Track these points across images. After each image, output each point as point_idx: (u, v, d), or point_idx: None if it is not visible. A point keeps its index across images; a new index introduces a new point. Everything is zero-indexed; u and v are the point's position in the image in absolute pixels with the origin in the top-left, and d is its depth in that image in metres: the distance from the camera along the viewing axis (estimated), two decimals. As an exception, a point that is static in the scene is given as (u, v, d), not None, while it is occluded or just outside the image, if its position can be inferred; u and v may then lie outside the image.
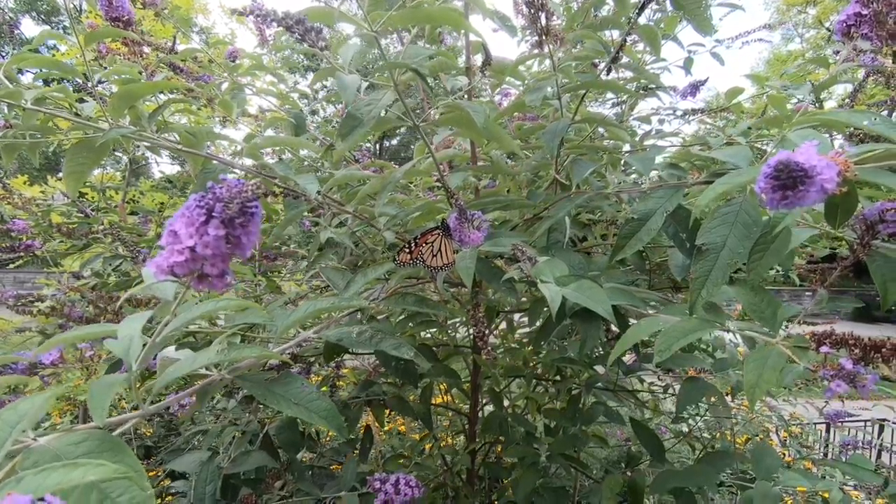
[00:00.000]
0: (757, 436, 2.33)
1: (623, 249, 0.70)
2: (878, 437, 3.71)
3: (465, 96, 0.96)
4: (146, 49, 1.21)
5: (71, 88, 0.88)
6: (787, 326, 0.82)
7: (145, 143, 0.95)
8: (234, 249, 0.35)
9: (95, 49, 1.28)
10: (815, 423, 2.94)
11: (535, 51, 0.77)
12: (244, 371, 0.53)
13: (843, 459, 1.06)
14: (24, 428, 0.32)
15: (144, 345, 0.41)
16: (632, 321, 0.74)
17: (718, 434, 2.08)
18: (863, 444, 1.60)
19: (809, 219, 0.70)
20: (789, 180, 0.37)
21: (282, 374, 0.52)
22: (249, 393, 1.00)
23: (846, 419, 1.65)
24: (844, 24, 0.51)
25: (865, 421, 3.77)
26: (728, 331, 0.58)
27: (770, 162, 0.38)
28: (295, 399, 0.51)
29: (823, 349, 0.46)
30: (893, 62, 0.44)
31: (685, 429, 1.97)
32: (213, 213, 0.34)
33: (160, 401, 0.49)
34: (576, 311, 0.71)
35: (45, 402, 0.34)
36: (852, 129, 0.61)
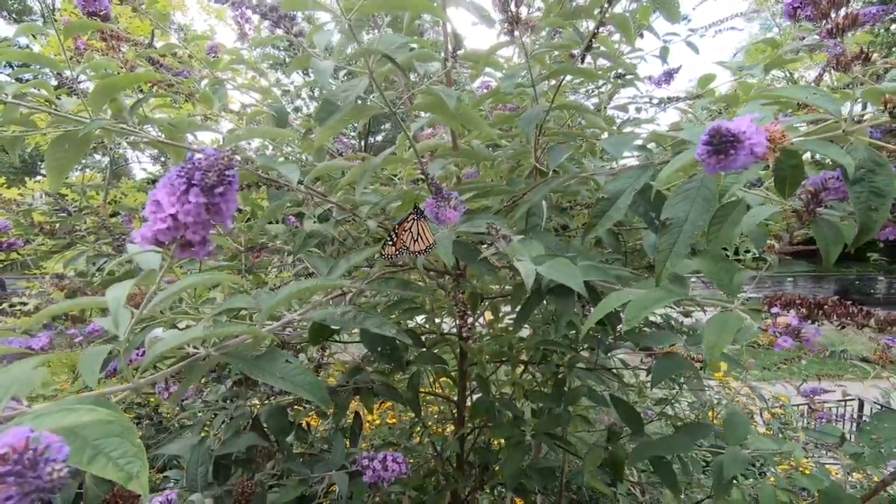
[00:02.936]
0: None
1: (595, 228, 0.73)
2: (860, 413, 3.83)
3: (444, 83, 0.99)
4: (124, 48, 1.21)
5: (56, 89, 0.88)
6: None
7: (126, 139, 0.96)
8: (215, 217, 0.38)
9: (73, 47, 1.28)
10: (797, 405, 3.03)
11: (508, 38, 0.80)
12: (231, 349, 0.55)
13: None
14: (18, 392, 0.34)
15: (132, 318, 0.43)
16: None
17: (701, 416, 2.14)
18: (836, 417, 1.67)
19: (776, 197, 0.74)
20: (721, 145, 0.40)
21: (267, 350, 0.54)
22: (238, 377, 1.02)
23: (821, 394, 1.72)
24: (791, 7, 0.55)
25: (846, 399, 3.89)
26: (692, 300, 0.61)
27: (705, 130, 0.41)
28: (280, 373, 0.53)
29: (774, 310, 0.50)
30: (829, 38, 0.47)
31: (670, 411, 2.03)
32: (194, 181, 0.36)
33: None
34: (551, 288, 0.74)
35: (34, 367, 0.35)
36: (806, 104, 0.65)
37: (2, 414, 0.33)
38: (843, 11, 0.46)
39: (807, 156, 0.73)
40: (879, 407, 3.30)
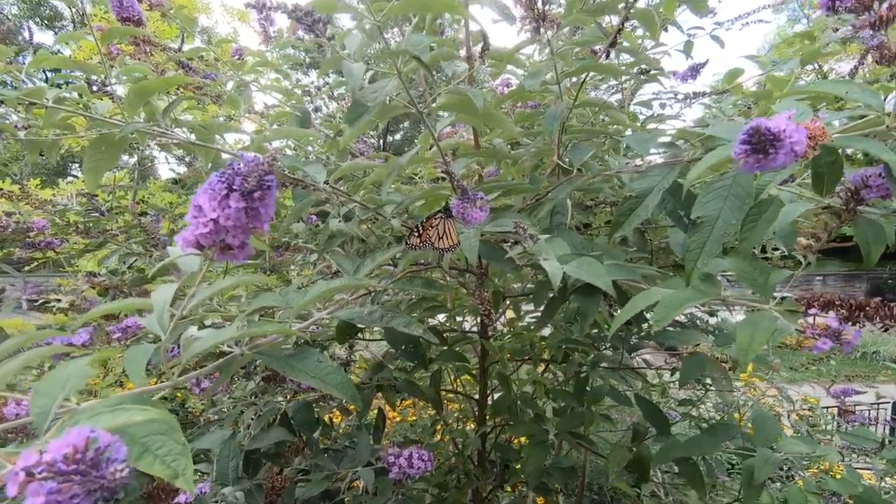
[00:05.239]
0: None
1: (622, 226, 0.72)
2: (893, 416, 3.71)
3: (466, 83, 0.99)
4: (154, 53, 1.24)
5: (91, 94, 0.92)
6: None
7: (157, 141, 0.99)
8: (254, 221, 0.38)
9: (105, 52, 1.32)
10: (826, 408, 2.94)
11: (532, 35, 0.80)
12: (264, 347, 0.56)
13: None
14: (72, 387, 0.35)
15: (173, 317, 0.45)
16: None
17: (726, 417, 2.10)
18: (869, 420, 1.62)
19: (809, 194, 0.72)
20: (760, 144, 0.39)
21: (299, 348, 0.55)
22: (268, 373, 1.04)
23: (852, 395, 1.67)
24: (828, -1, 0.53)
25: (879, 402, 3.77)
26: (723, 300, 0.60)
27: (743, 128, 0.40)
28: (312, 372, 0.54)
29: (812, 311, 0.49)
30: (872, 30, 0.46)
31: (694, 412, 2.00)
32: (234, 187, 0.37)
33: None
34: (577, 287, 0.73)
35: (85, 366, 0.37)
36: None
37: (57, 410, 0.34)
38: (886, 3, 0.45)
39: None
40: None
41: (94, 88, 1.01)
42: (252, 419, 0.94)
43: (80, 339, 0.63)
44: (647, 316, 1.22)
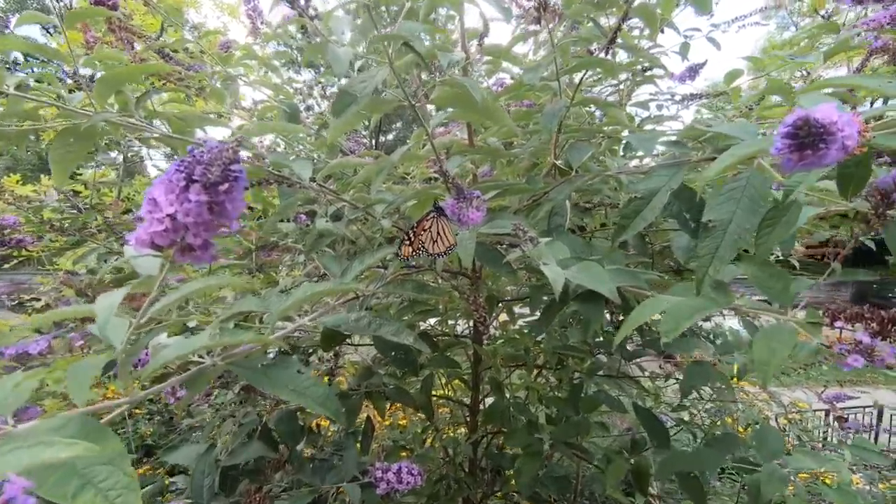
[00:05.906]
0: (757, 423, 2.33)
1: (626, 230, 0.68)
2: (879, 421, 3.76)
3: (462, 74, 0.94)
4: (137, 45, 1.18)
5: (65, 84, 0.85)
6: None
7: (135, 135, 0.93)
8: (219, 217, 0.33)
9: (83, 41, 1.25)
10: (814, 410, 2.94)
11: (533, 27, 0.75)
12: (238, 357, 0.51)
13: (846, 443, 1.06)
14: (3, 413, 0.30)
15: (131, 325, 0.40)
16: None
17: (720, 422, 2.08)
18: (864, 427, 1.60)
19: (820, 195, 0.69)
20: (809, 139, 0.35)
21: (278, 358, 0.50)
22: (246, 383, 0.99)
23: (845, 401, 1.65)
24: (857, -11, 0.50)
25: (865, 406, 3.79)
26: (736, 309, 0.56)
27: (787, 121, 0.36)
28: (291, 385, 0.50)
29: (838, 324, 0.45)
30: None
31: (686, 417, 1.97)
32: (194, 177, 0.32)
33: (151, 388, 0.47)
34: (578, 293, 0.69)
35: (22, 384, 0.32)
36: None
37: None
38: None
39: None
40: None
41: (70, 82, 0.95)
42: (232, 430, 0.88)
43: (37, 347, 0.58)
44: (647, 321, 1.19)
